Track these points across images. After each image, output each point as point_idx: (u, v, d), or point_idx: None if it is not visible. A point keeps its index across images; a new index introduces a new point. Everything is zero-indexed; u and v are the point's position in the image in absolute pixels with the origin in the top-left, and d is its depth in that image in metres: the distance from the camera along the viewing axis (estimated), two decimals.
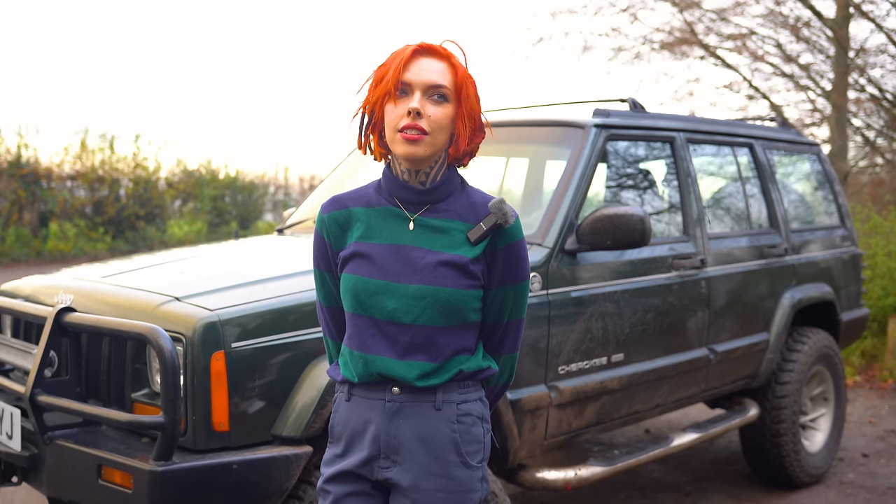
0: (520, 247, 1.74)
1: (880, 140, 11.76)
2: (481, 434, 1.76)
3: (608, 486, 4.27)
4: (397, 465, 1.71)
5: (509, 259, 1.73)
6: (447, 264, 1.67)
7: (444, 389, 1.71)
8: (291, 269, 2.75)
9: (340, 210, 1.77)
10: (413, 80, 1.66)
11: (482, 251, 1.71)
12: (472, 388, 1.76)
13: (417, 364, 1.68)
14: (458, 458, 1.72)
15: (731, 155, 4.18)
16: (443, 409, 1.71)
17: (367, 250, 1.71)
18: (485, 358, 1.79)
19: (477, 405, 1.76)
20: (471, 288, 1.69)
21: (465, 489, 1.72)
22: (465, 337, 1.73)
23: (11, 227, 14.53)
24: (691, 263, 3.56)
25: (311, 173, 21.16)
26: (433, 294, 1.66)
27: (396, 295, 1.67)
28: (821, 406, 4.54)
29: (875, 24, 10.14)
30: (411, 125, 1.64)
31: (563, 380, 3.02)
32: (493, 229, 1.70)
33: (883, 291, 7.41)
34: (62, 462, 2.44)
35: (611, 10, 11.60)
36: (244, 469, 2.29)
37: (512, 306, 1.77)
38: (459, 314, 1.69)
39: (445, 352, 1.70)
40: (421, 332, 1.67)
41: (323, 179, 4.29)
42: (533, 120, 3.55)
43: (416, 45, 1.68)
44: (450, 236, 1.71)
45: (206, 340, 2.31)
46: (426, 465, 1.70)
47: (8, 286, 3.17)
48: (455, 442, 1.71)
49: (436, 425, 1.70)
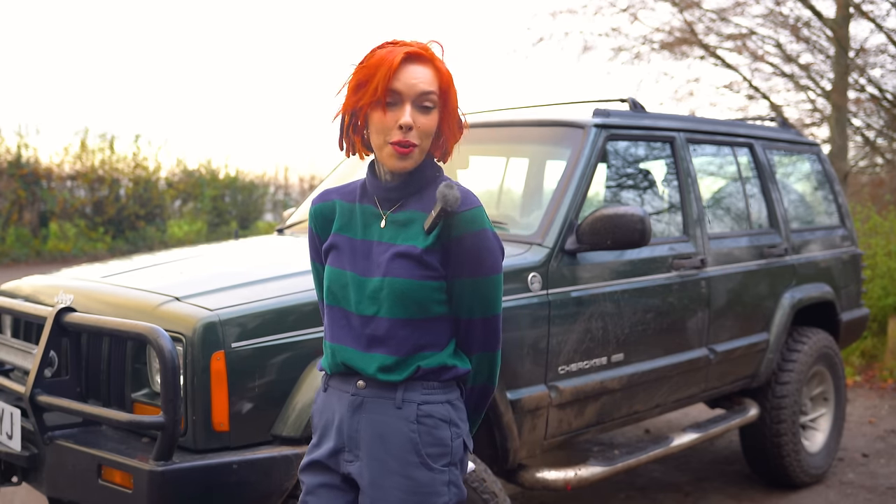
0: (477, 238, 1.67)
1: (880, 140, 11.77)
2: (447, 437, 1.71)
3: (608, 486, 4.27)
4: (359, 460, 1.72)
5: (463, 250, 1.67)
6: (402, 255, 1.68)
7: (405, 388, 1.70)
8: (291, 269, 2.75)
9: (326, 202, 1.81)
10: (403, 90, 1.64)
11: (436, 240, 1.67)
12: (439, 388, 1.72)
13: (378, 357, 1.69)
14: (418, 459, 1.68)
15: (731, 155, 4.18)
16: (403, 407, 1.69)
17: (342, 243, 1.76)
18: (455, 356, 1.74)
19: (442, 407, 1.71)
20: (426, 279, 1.67)
21: (426, 491, 1.68)
22: (430, 332, 1.70)
23: (11, 227, 14.53)
24: (691, 263, 3.56)
25: (311, 173, 21.18)
26: (389, 285, 1.66)
27: (361, 288, 1.70)
28: (821, 406, 4.54)
29: (875, 24, 10.14)
30: (402, 141, 1.65)
31: (563, 380, 3.02)
32: (442, 216, 1.65)
33: (883, 291, 7.41)
34: (62, 462, 2.44)
35: (611, 10, 11.62)
36: (244, 469, 2.29)
37: (474, 302, 1.71)
38: (419, 306, 1.67)
39: (405, 346, 1.68)
40: (381, 325, 1.68)
41: (323, 179, 4.29)
42: (533, 120, 3.55)
43: (404, 52, 1.65)
44: (411, 228, 1.70)
45: (206, 340, 2.31)
46: (385, 462, 1.69)
47: (8, 286, 3.17)
48: (414, 442, 1.68)
49: (394, 424, 1.69)
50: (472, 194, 1.70)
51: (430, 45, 1.69)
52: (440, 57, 1.70)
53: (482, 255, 1.68)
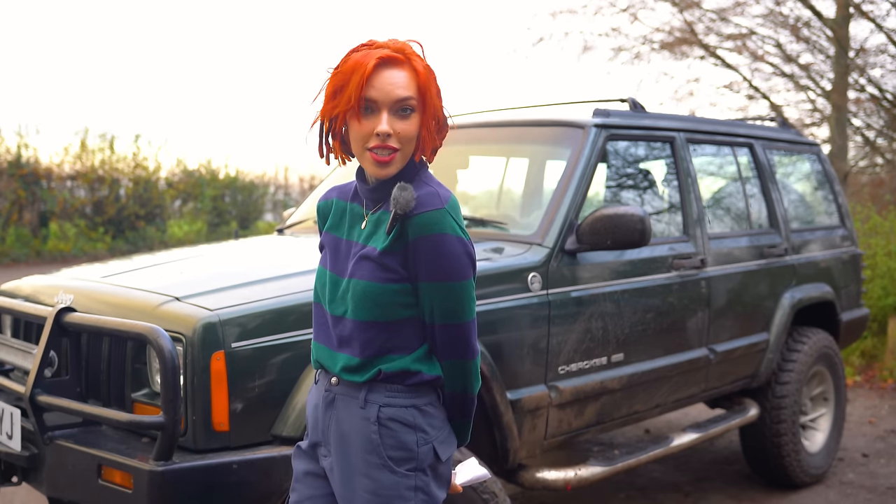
0: (430, 242, 1.60)
1: (880, 140, 11.77)
2: (412, 442, 1.67)
3: (608, 486, 4.27)
4: (331, 455, 1.75)
5: (419, 252, 1.61)
6: (364, 257, 1.67)
7: (369, 389, 1.68)
8: (291, 269, 2.75)
9: (327, 200, 1.84)
10: (378, 98, 1.60)
11: (394, 242, 1.63)
12: (403, 392, 1.68)
13: (343, 357, 1.70)
14: (379, 461, 1.67)
15: (731, 155, 4.18)
16: (366, 407, 1.69)
17: (329, 242, 1.78)
18: (422, 361, 1.69)
19: (407, 412, 1.67)
20: (388, 281, 1.63)
21: (389, 494, 1.66)
22: (396, 335, 1.67)
23: (11, 227, 14.53)
24: (691, 263, 3.56)
25: (311, 173, 21.17)
26: (353, 286, 1.67)
27: (332, 286, 1.72)
28: (821, 406, 4.54)
29: (875, 24, 10.15)
30: (381, 146, 1.62)
31: (563, 380, 3.02)
32: (397, 217, 1.60)
33: (883, 291, 7.41)
34: (62, 462, 2.44)
35: (611, 10, 11.62)
36: (244, 469, 2.29)
37: (434, 308, 1.65)
38: (382, 309, 1.64)
39: (370, 348, 1.66)
40: (347, 325, 1.68)
41: (323, 179, 4.29)
42: (533, 120, 3.55)
43: (376, 58, 1.59)
44: (380, 229, 1.67)
45: (205, 340, 2.31)
46: (350, 461, 1.71)
47: (8, 286, 3.17)
48: (374, 443, 1.67)
49: (357, 423, 1.69)
50: (436, 196, 1.63)
51: (407, 45, 1.64)
52: (420, 55, 1.65)
53: (438, 261, 1.61)
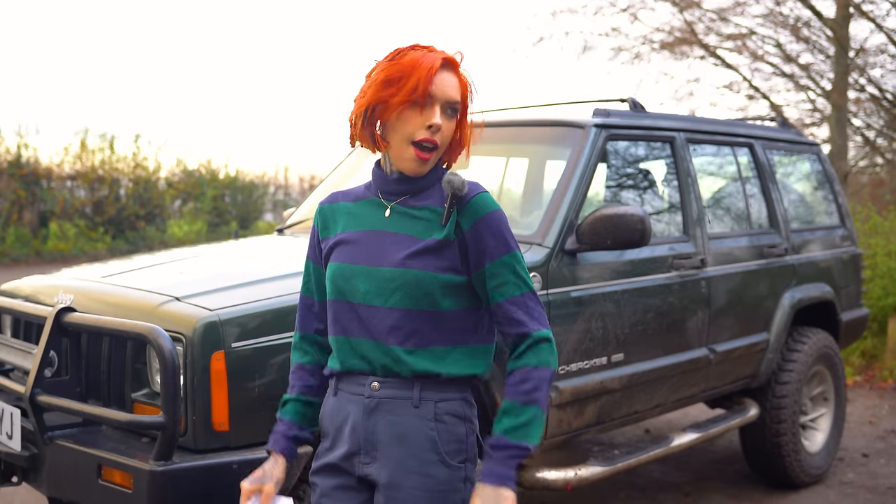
0: (494, 217, 1.71)
1: (880, 140, 11.77)
2: (464, 434, 1.74)
3: (608, 486, 4.27)
4: (376, 462, 1.72)
5: (482, 232, 1.70)
6: (418, 246, 1.70)
7: (420, 386, 1.71)
8: (291, 269, 2.75)
9: (332, 203, 1.85)
10: (437, 95, 1.69)
11: (453, 233, 1.70)
12: (452, 386, 1.74)
13: (389, 349, 1.70)
14: (437, 457, 1.70)
15: (731, 155, 4.18)
16: (420, 406, 1.71)
17: (347, 237, 1.78)
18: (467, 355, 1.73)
19: (458, 405, 1.74)
20: (440, 271, 1.69)
21: (445, 488, 1.70)
22: (440, 326, 1.70)
23: (11, 227, 14.53)
24: (691, 263, 3.56)
25: (311, 173, 21.20)
26: (402, 276, 1.68)
27: (370, 278, 1.71)
28: (821, 406, 4.53)
29: (875, 24, 10.14)
30: (429, 140, 1.69)
31: (563, 380, 3.02)
32: (454, 202, 1.70)
33: (883, 291, 7.41)
34: (62, 462, 2.44)
35: (611, 9, 11.60)
36: (244, 469, 2.28)
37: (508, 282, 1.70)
38: (428, 298, 1.68)
39: (414, 339, 1.69)
40: (391, 315, 1.69)
41: (323, 179, 4.29)
42: (533, 120, 3.55)
43: (441, 58, 1.71)
44: (426, 222, 1.73)
45: (206, 340, 2.31)
46: (404, 462, 1.70)
47: (8, 286, 3.17)
48: (433, 440, 1.70)
49: (413, 423, 1.70)
50: (474, 182, 1.76)
51: (455, 56, 1.75)
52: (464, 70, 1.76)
53: (502, 234, 1.72)
